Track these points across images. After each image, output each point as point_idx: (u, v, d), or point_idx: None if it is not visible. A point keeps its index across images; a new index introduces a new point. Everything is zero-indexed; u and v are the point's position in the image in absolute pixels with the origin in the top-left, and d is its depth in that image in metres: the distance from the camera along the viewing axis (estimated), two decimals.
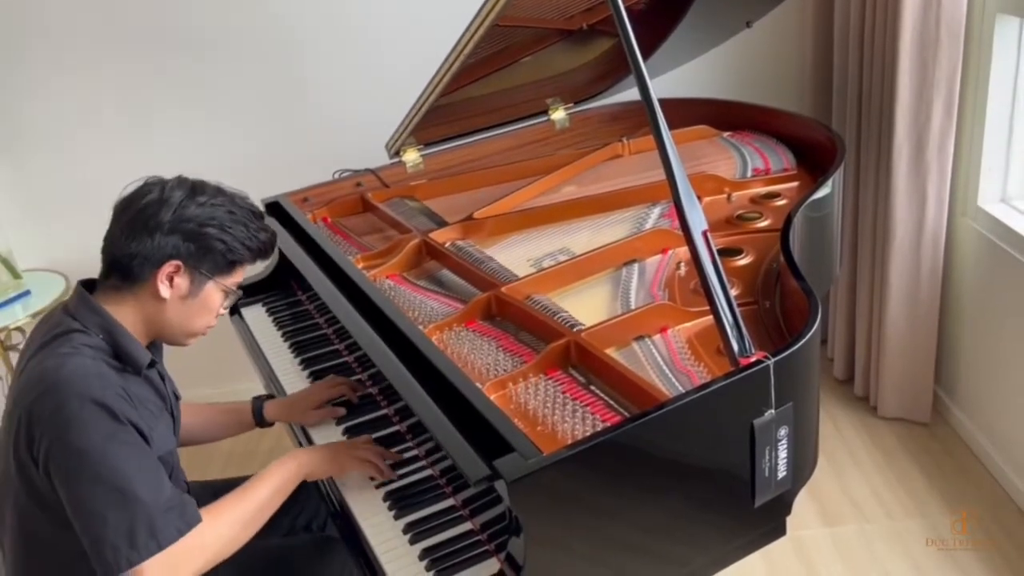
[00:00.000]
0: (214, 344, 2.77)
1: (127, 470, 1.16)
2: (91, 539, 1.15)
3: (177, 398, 1.48)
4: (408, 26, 2.59)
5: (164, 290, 1.29)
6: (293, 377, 1.74)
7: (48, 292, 2.59)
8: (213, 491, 1.61)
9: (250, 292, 2.03)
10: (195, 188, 1.33)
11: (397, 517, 1.32)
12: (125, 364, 1.29)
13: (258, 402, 1.67)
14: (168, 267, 1.28)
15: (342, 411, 1.58)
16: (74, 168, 2.74)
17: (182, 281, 1.30)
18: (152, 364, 1.35)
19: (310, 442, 1.56)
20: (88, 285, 1.34)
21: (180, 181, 1.34)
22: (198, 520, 1.21)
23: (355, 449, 1.42)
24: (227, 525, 1.25)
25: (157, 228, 1.27)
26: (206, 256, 1.31)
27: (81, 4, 2.55)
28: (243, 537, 1.27)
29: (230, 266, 1.34)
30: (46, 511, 1.22)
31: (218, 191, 1.35)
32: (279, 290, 2.03)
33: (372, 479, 1.39)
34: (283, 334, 1.87)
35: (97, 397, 1.17)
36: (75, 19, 2.57)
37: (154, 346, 1.41)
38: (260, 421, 1.67)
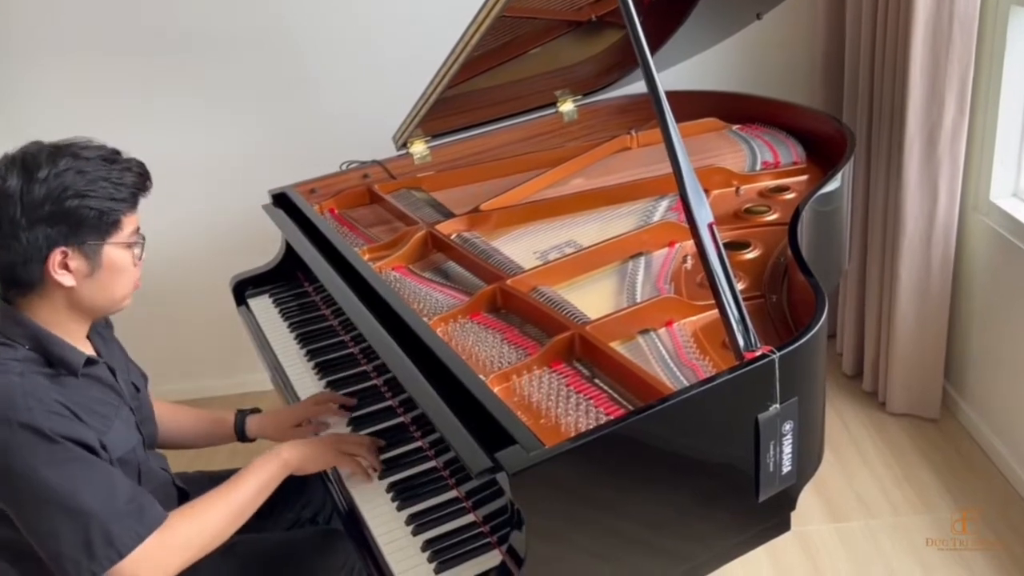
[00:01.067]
0: (223, 335, 2.82)
1: (70, 487, 1.13)
2: (50, 556, 1.14)
3: (138, 389, 1.44)
4: (416, 17, 2.58)
5: (65, 279, 1.22)
6: (299, 368, 1.75)
7: None
8: (217, 481, 1.61)
9: (257, 283, 2.03)
10: (27, 166, 1.19)
11: (400, 508, 1.32)
12: (59, 369, 1.24)
13: (241, 416, 1.65)
14: (54, 257, 1.20)
15: (323, 428, 1.55)
16: None
17: (77, 262, 1.22)
18: (92, 362, 1.29)
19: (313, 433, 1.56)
20: (5, 297, 1.27)
21: (8, 164, 1.20)
22: (159, 521, 1.18)
23: (343, 444, 1.40)
24: (208, 522, 1.24)
25: (16, 227, 1.18)
26: (82, 229, 1.21)
27: (92, 2, 2.56)
28: (226, 532, 1.26)
29: (114, 224, 1.24)
30: (8, 523, 1.20)
31: (55, 154, 1.21)
32: (286, 281, 2.03)
33: (374, 470, 1.39)
34: (289, 325, 1.88)
35: (24, 420, 1.13)
36: (81, 13, 2.57)
37: (100, 339, 1.38)
38: (241, 437, 1.65)
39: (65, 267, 1.22)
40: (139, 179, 1.28)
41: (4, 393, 1.16)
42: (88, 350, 1.32)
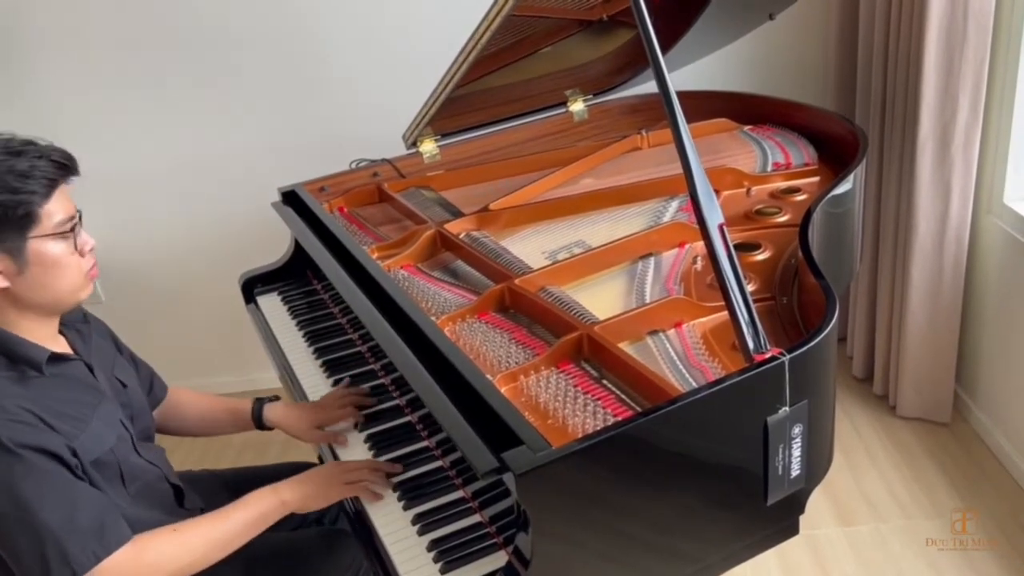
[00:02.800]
0: (232, 332, 2.82)
1: (28, 500, 1.10)
2: (16, 570, 1.13)
3: (124, 385, 1.40)
4: (426, 15, 2.58)
5: None
6: (307, 366, 1.75)
7: None
8: (223, 481, 1.62)
9: (266, 281, 2.04)
10: None
11: (406, 508, 1.32)
12: (23, 368, 1.21)
13: (259, 404, 1.63)
14: None
15: (344, 439, 1.51)
16: (92, 158, 2.75)
17: (3, 263, 1.18)
18: (60, 358, 1.26)
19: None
20: None
21: None
22: (122, 541, 1.16)
23: (347, 474, 1.36)
24: (187, 545, 1.22)
25: None
26: None
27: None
28: (207, 559, 1.24)
29: (26, 218, 1.18)
30: None
31: None
32: (295, 279, 2.03)
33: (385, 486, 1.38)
34: (298, 323, 1.88)
35: None
36: (92, 9, 2.58)
37: (78, 336, 1.35)
38: (259, 424, 1.63)
39: None
40: (53, 166, 1.20)
41: None
42: (59, 347, 1.29)
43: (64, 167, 1.23)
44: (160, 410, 1.59)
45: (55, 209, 1.21)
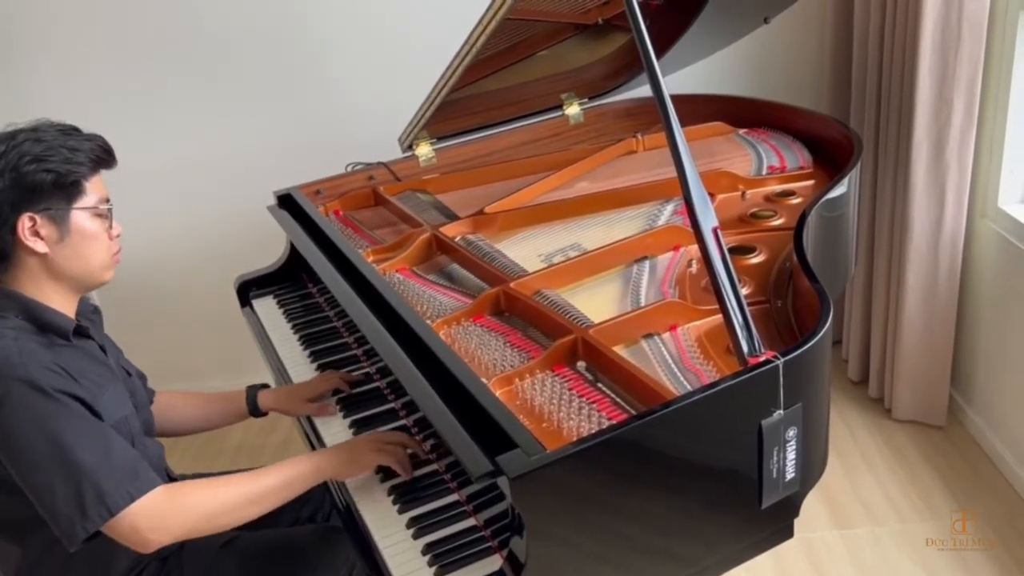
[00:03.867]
0: (226, 336, 2.81)
1: (65, 440, 1.16)
2: (47, 513, 1.17)
3: (129, 374, 1.47)
4: (422, 18, 2.58)
5: (37, 245, 1.27)
6: (302, 369, 1.75)
7: None
8: None
9: (262, 284, 2.03)
10: None
11: (401, 511, 1.32)
12: (52, 336, 1.28)
13: (252, 391, 1.67)
14: (23, 223, 1.25)
15: (334, 408, 1.57)
16: None
17: (46, 229, 1.27)
18: (82, 332, 1.34)
19: (316, 434, 1.55)
20: None
21: None
22: (154, 485, 1.19)
23: (379, 442, 1.38)
24: (221, 494, 1.24)
25: None
26: (43, 193, 1.26)
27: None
28: (238, 513, 1.25)
29: (75, 187, 1.29)
30: (13, 496, 1.22)
31: (14, 133, 1.29)
32: (290, 282, 2.03)
33: (376, 472, 1.38)
34: (293, 326, 1.88)
35: (21, 375, 1.17)
36: (88, 11, 2.58)
37: (90, 323, 1.41)
38: (254, 410, 1.66)
39: (36, 234, 1.26)
40: (99, 149, 1.33)
41: (1, 353, 1.19)
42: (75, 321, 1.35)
43: (108, 153, 1.36)
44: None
45: (96, 188, 1.32)
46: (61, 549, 1.20)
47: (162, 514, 1.19)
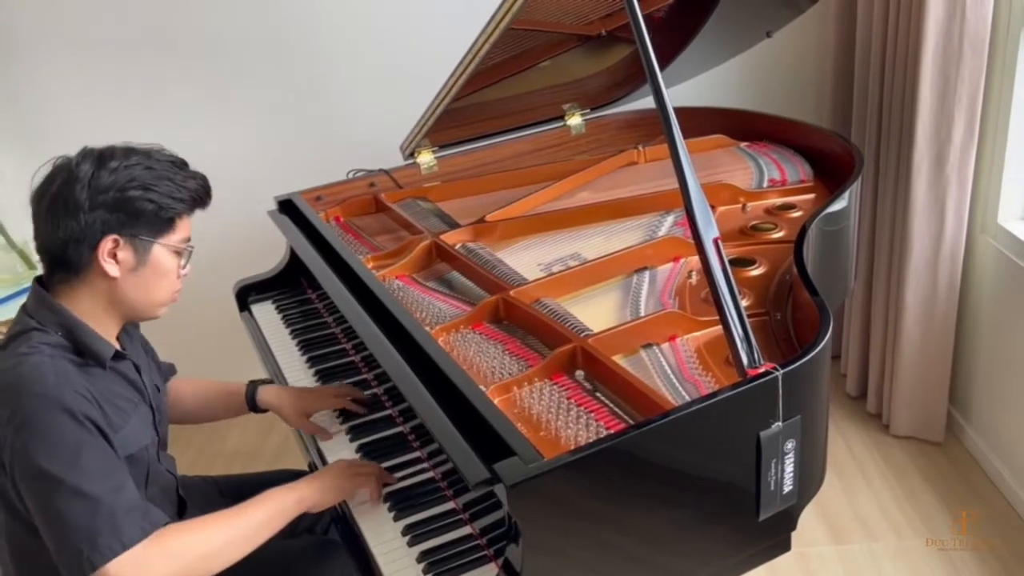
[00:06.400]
0: (225, 340, 2.81)
1: (87, 469, 1.13)
2: (54, 542, 1.12)
3: (159, 389, 1.45)
4: (424, 26, 2.59)
5: (111, 268, 1.24)
6: (299, 374, 1.74)
7: None
8: (217, 487, 1.62)
9: (261, 289, 2.03)
10: (103, 156, 1.25)
11: (397, 519, 1.31)
12: (87, 359, 1.25)
13: (253, 385, 1.64)
14: (106, 243, 1.23)
15: (330, 434, 1.54)
16: None
17: (125, 254, 1.25)
18: (119, 356, 1.31)
19: (315, 442, 1.55)
20: (46, 282, 1.29)
21: (85, 154, 1.26)
22: (162, 523, 1.17)
23: (359, 467, 1.38)
24: (207, 537, 1.20)
25: (78, 208, 1.21)
26: (139, 220, 1.24)
27: (99, 2, 2.57)
28: (224, 554, 1.21)
29: (168, 223, 1.28)
30: (19, 521, 1.20)
31: (129, 152, 1.27)
32: (289, 288, 2.03)
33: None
34: (291, 332, 1.87)
35: (53, 395, 1.14)
36: (87, 13, 2.59)
37: (127, 336, 1.38)
38: (252, 406, 1.64)
39: (113, 256, 1.24)
40: (201, 188, 1.32)
41: (37, 370, 1.17)
42: (117, 346, 1.33)
43: (208, 195, 1.35)
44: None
45: (184, 227, 1.31)
46: None
47: (145, 562, 1.14)
